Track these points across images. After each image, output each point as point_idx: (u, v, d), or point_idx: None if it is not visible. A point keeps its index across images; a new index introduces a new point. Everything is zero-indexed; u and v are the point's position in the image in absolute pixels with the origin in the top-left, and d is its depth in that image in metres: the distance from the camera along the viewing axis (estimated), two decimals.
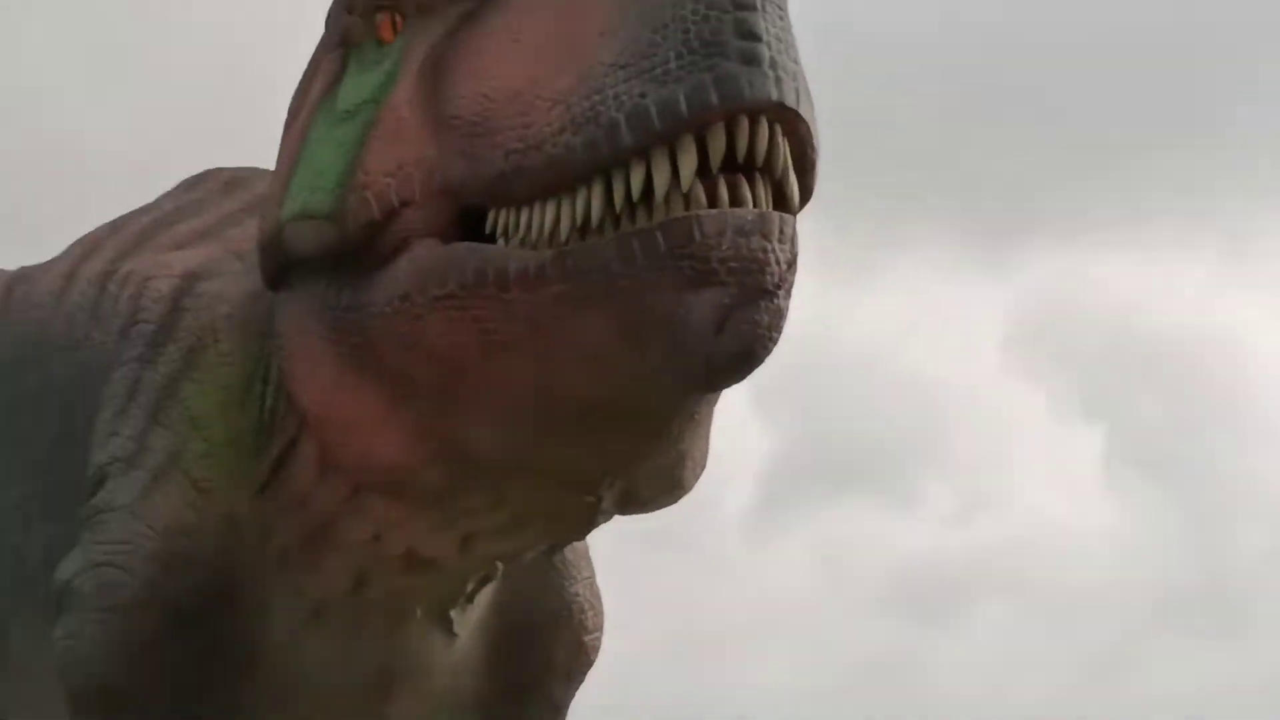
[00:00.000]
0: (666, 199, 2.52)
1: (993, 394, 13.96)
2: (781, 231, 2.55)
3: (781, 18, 2.57)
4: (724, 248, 2.49)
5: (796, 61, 2.58)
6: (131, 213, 3.87)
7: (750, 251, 2.51)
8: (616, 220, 2.56)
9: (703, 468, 3.07)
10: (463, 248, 2.70)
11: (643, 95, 2.49)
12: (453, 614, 3.36)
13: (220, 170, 3.90)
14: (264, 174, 3.81)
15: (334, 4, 3.06)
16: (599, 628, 3.68)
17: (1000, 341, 14.34)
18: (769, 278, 2.52)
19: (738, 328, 2.50)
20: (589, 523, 3.10)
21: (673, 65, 2.49)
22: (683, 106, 2.48)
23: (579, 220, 2.57)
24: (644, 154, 2.51)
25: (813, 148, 2.64)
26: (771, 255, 2.53)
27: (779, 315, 2.55)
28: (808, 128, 2.60)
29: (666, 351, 2.53)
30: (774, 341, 2.56)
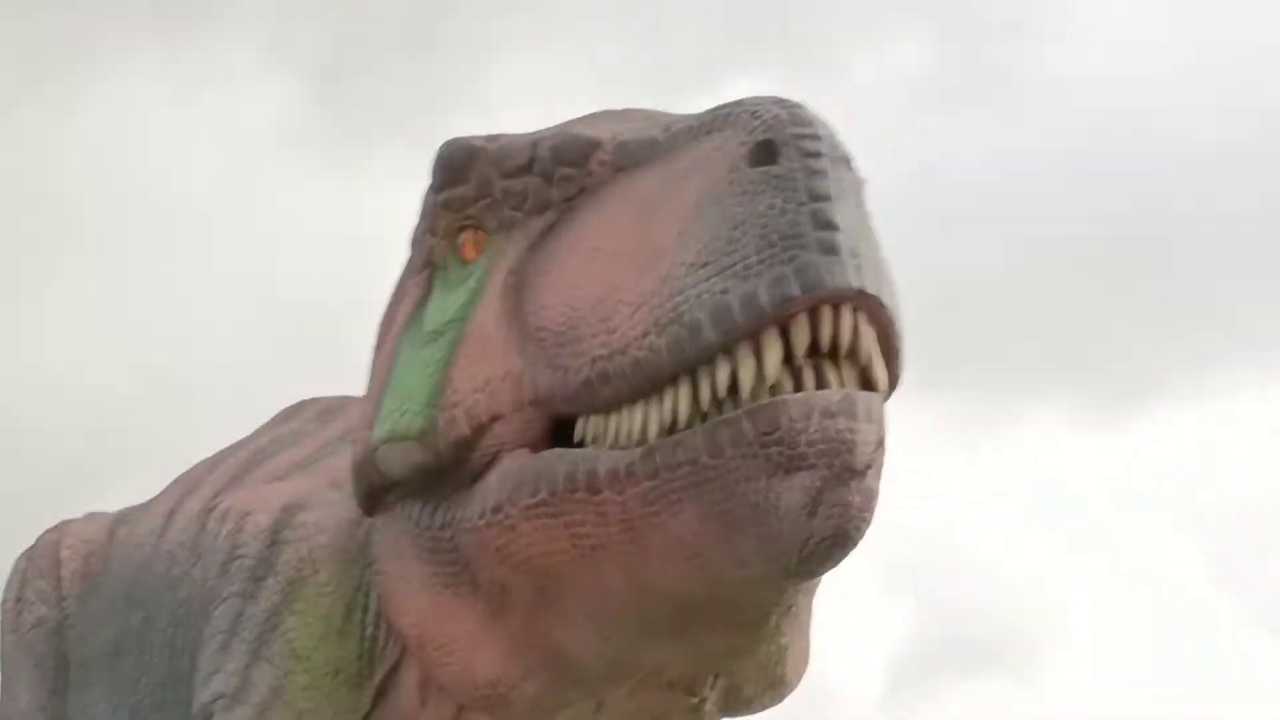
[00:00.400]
0: (753, 391, 2.53)
1: (1115, 562, 13.75)
2: (869, 412, 2.54)
3: (859, 205, 2.60)
4: (811, 431, 2.49)
5: (876, 248, 2.59)
6: (230, 447, 3.91)
7: (838, 433, 2.50)
8: (704, 418, 2.56)
9: (806, 663, 3.05)
10: (552, 454, 2.71)
11: (724, 291, 2.50)
12: None
13: (315, 400, 3.94)
14: (357, 402, 3.84)
15: (417, 227, 3.10)
16: None
17: (1118, 508, 14.15)
18: (858, 458, 2.51)
19: (829, 510, 2.49)
20: None
21: (753, 259, 2.50)
22: (764, 299, 2.49)
23: (666, 422, 2.58)
24: (729, 350, 2.53)
25: (896, 334, 2.64)
26: (859, 435, 2.52)
27: (870, 496, 2.54)
28: (890, 314, 2.61)
29: (759, 539, 2.52)
30: (866, 523, 2.54)
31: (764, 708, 3.09)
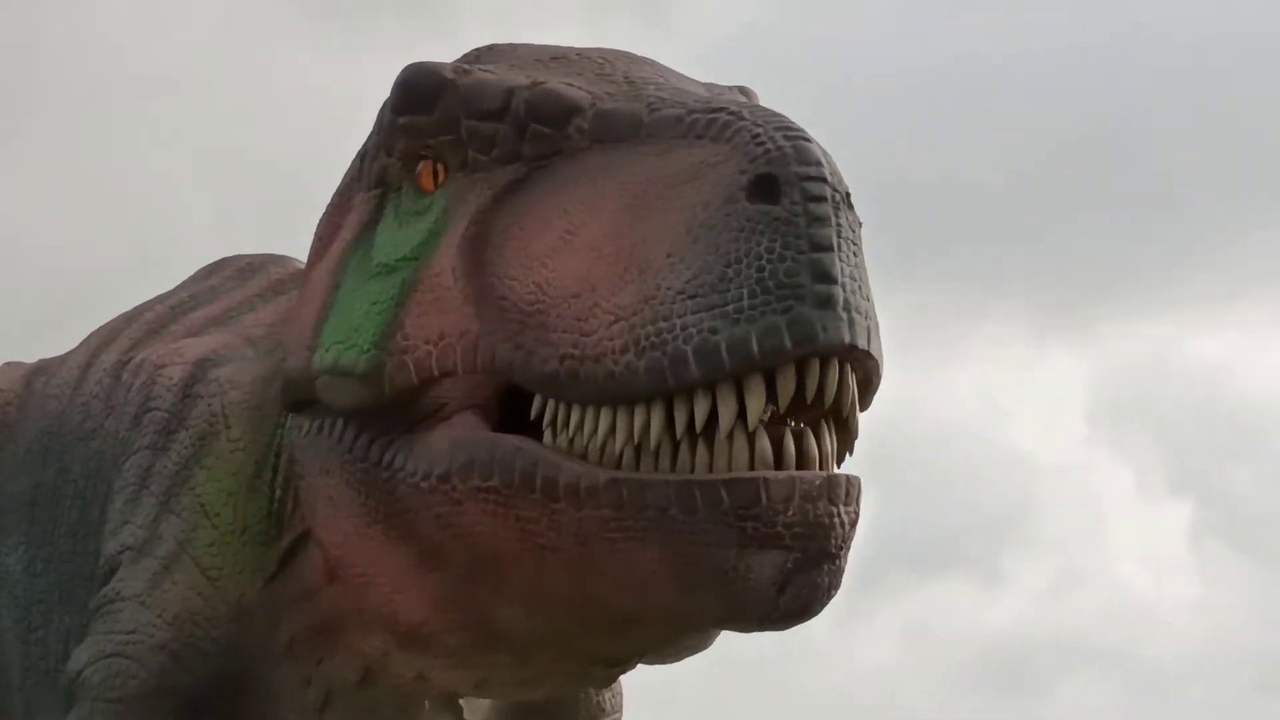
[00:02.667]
0: (730, 436, 2.51)
1: (1079, 467, 13.80)
2: (848, 494, 2.55)
3: (856, 254, 2.56)
4: (790, 513, 2.49)
5: (869, 299, 2.56)
6: (148, 301, 3.87)
7: (816, 517, 2.50)
8: (674, 444, 2.54)
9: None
10: (509, 444, 2.68)
11: (713, 331, 2.46)
12: (462, 701, 3.32)
13: (236, 257, 3.89)
14: (280, 260, 3.81)
15: (371, 142, 3.02)
16: (618, 709, 3.63)
17: (1085, 413, 14.18)
18: (833, 542, 2.52)
19: (799, 590, 2.51)
20: (611, 681, 3.15)
21: (745, 304, 2.46)
22: (754, 347, 2.45)
23: (636, 437, 2.55)
24: (710, 387, 2.50)
25: (878, 377, 2.64)
26: (837, 519, 2.52)
27: (839, 575, 2.56)
28: (876, 363, 2.60)
29: (721, 601, 2.53)
30: (831, 599, 2.56)
31: (680, 661, 3.11)
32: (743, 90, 2.99)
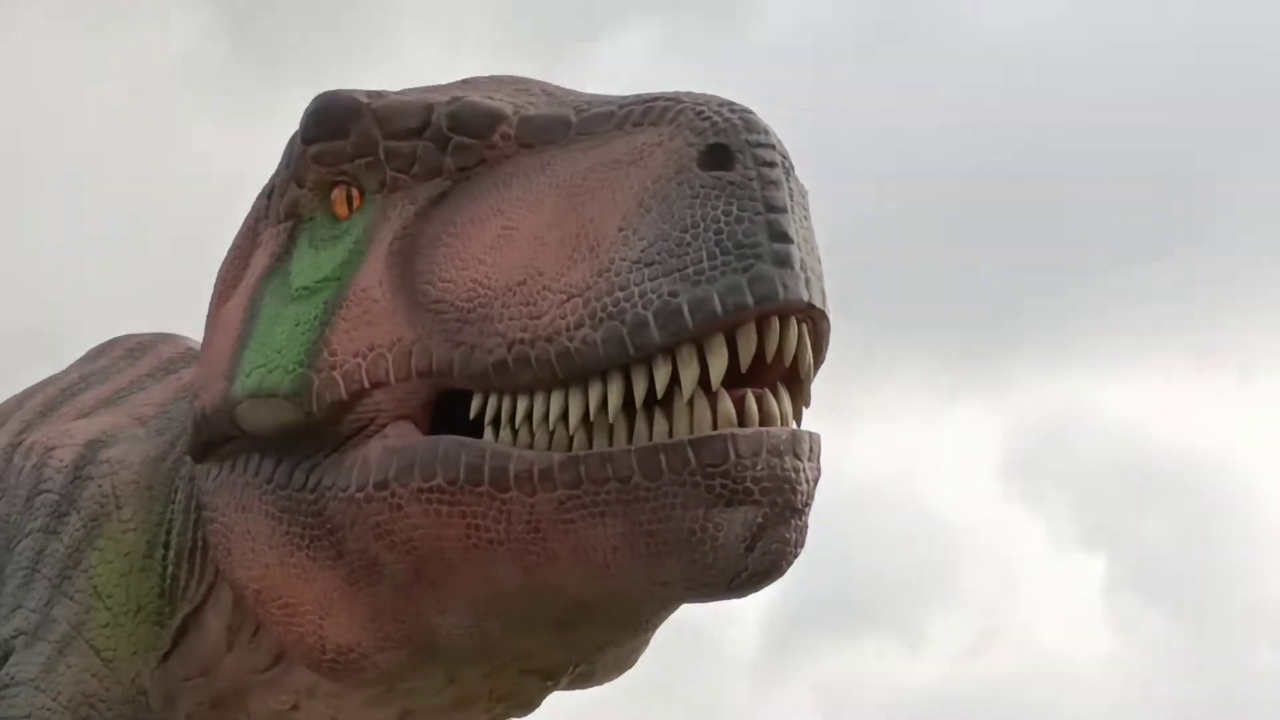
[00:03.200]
0: (691, 400, 2.53)
1: (994, 523, 13.89)
2: (811, 450, 2.58)
3: (806, 218, 2.61)
4: (758, 468, 2.50)
5: (819, 261, 2.62)
6: (38, 384, 3.87)
7: (784, 471, 2.52)
8: (629, 418, 2.55)
9: (647, 646, 3.08)
10: (451, 441, 2.67)
11: (673, 294, 2.48)
12: None
13: (128, 337, 3.90)
14: (170, 338, 3.82)
15: (279, 177, 3.04)
16: None
17: (998, 468, 14.29)
18: (799, 496, 2.54)
19: (768, 546, 2.51)
20: (538, 701, 3.10)
21: (705, 265, 2.49)
22: (717, 306, 2.48)
23: (592, 414, 2.56)
24: (670, 352, 2.52)
25: (828, 341, 2.68)
26: (802, 474, 2.55)
27: (804, 532, 2.57)
28: (828, 325, 2.65)
29: (688, 565, 2.52)
30: (797, 556, 2.57)
31: (601, 684, 3.12)
32: None
